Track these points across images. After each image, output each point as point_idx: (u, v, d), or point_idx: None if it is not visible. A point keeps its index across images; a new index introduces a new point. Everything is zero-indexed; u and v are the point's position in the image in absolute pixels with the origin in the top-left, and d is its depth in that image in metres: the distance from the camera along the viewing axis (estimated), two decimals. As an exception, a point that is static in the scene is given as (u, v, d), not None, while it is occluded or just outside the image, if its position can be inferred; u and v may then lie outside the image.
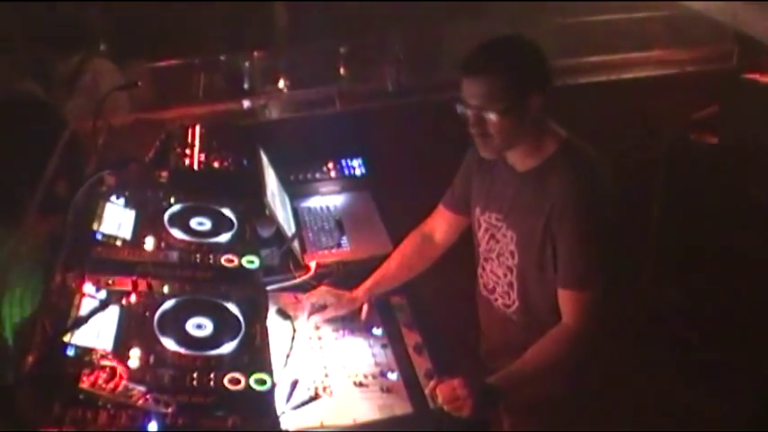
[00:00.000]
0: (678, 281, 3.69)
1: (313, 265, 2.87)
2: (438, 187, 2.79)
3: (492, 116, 2.31)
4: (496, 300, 2.62)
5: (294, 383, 2.30)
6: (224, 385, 2.03)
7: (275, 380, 2.10)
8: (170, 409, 1.93)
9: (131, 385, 1.95)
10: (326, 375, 2.40)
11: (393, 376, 2.42)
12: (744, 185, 3.48)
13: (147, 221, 2.64)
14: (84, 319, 2.08)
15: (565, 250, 2.36)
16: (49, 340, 2.06)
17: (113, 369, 1.97)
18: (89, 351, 2.03)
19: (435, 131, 3.40)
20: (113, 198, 2.69)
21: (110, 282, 2.30)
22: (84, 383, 1.92)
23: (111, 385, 1.93)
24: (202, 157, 3.08)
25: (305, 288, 2.74)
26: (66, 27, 3.79)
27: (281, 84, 3.92)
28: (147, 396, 1.93)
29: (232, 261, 2.52)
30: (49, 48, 3.72)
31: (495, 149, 2.41)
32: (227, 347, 2.16)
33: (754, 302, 3.34)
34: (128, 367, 2.01)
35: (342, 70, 3.95)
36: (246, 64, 3.97)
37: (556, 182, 2.36)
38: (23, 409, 1.87)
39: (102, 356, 2.01)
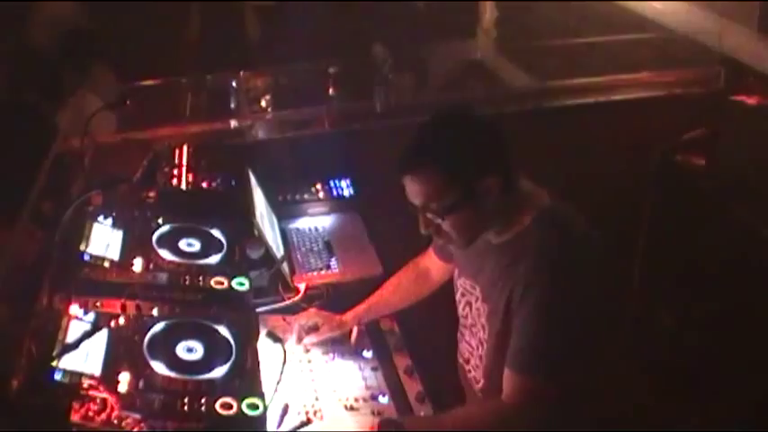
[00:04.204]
0: (666, 306, 3.68)
1: (302, 286, 2.85)
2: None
3: (437, 216, 2.12)
4: (470, 372, 2.45)
5: (285, 408, 2.27)
6: (216, 410, 1.99)
7: (267, 404, 2.07)
8: (161, 436, 1.90)
9: (123, 413, 1.91)
10: (317, 399, 2.38)
11: (384, 400, 2.39)
12: (731, 208, 3.48)
13: (136, 242, 2.61)
14: (74, 345, 2.04)
15: (517, 329, 2.13)
16: (35, 364, 2.02)
17: (104, 400, 1.93)
18: (77, 376, 1.99)
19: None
20: (101, 218, 2.66)
21: (98, 304, 2.27)
22: (75, 416, 1.88)
23: (103, 416, 1.89)
24: (190, 177, 3.06)
25: (294, 310, 2.72)
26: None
27: (269, 103, 3.90)
28: (141, 424, 1.90)
29: (222, 283, 2.50)
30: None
31: (461, 244, 2.20)
32: (219, 371, 2.13)
33: (745, 328, 3.33)
34: (117, 393, 1.97)
35: (331, 90, 3.94)
36: (233, 83, 3.95)
37: (523, 260, 2.12)
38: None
39: (92, 386, 1.97)
